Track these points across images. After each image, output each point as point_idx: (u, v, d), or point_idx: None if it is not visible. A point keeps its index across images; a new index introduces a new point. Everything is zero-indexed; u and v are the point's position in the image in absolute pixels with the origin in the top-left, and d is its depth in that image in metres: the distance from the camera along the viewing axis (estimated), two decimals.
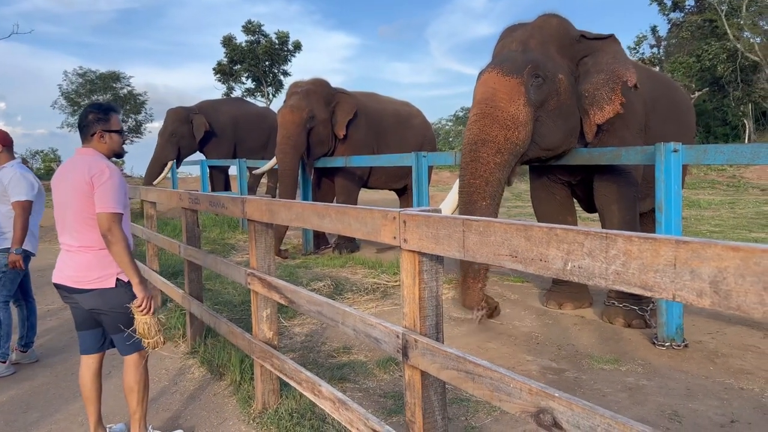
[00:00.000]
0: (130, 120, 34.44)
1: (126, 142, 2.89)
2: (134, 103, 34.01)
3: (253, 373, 3.20)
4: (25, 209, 3.86)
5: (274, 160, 7.95)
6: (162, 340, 2.70)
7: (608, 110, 4.08)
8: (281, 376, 2.72)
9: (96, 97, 32.91)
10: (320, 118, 7.46)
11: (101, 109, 2.78)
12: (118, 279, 2.65)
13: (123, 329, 2.63)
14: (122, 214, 2.62)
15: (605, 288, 1.17)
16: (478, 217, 1.53)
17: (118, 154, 2.86)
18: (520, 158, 4.03)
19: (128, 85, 34.05)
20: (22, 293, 4.25)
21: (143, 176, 12.97)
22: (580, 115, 4.19)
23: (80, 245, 2.65)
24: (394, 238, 1.83)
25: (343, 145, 7.71)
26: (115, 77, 33.24)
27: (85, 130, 2.73)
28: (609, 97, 4.07)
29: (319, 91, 7.59)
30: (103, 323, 2.73)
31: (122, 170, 30.23)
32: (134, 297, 2.62)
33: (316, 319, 2.36)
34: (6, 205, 3.92)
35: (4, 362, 3.95)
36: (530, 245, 1.35)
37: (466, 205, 3.85)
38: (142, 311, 2.60)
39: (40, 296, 6.10)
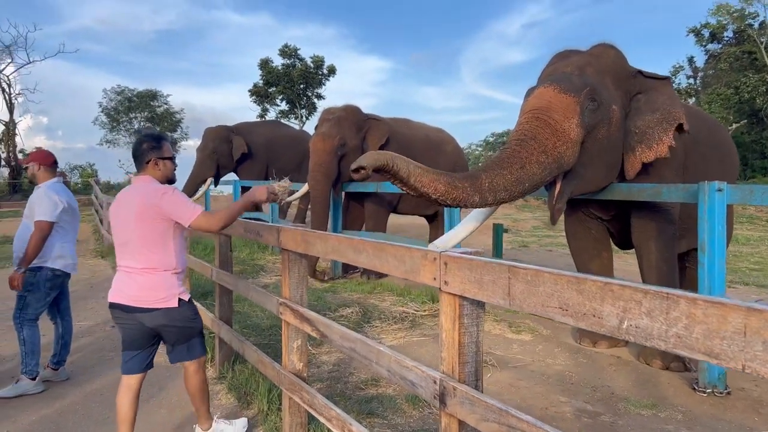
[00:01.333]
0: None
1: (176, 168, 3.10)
2: (171, 121, 34.80)
3: (280, 404, 3.17)
4: (43, 230, 3.82)
5: (306, 187, 8.00)
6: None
7: (656, 150, 3.97)
8: (310, 410, 2.67)
9: (133, 114, 33.78)
10: (351, 145, 7.51)
11: (154, 138, 2.96)
12: (180, 299, 2.84)
13: (186, 340, 2.91)
14: (203, 212, 2.79)
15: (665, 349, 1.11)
16: (526, 265, 1.47)
17: (171, 180, 2.99)
18: (572, 192, 3.82)
19: (165, 104, 34.90)
20: (59, 311, 4.29)
21: None
22: (624, 151, 4.07)
23: (144, 267, 2.79)
24: (434, 279, 1.78)
25: None
26: (153, 95, 34.12)
27: (140, 159, 2.89)
28: (660, 137, 3.97)
29: (350, 118, 7.65)
30: (166, 337, 2.91)
31: None
32: (195, 311, 2.94)
33: (348, 355, 2.31)
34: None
35: (33, 379, 3.98)
36: (583, 299, 1.29)
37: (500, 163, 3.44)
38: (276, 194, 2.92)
39: (73, 312, 6.18)
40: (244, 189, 11.97)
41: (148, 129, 10.71)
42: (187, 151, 36.49)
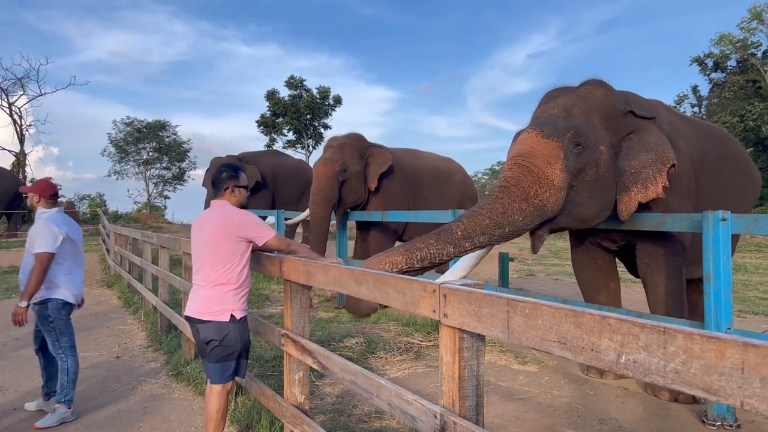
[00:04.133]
0: (174, 168, 35.50)
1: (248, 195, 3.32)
2: (178, 150, 35.10)
3: None
4: (43, 262, 3.82)
5: (306, 212, 8.07)
6: None
7: (652, 191, 3.91)
8: None
9: (142, 145, 34.10)
10: (353, 171, 7.58)
11: (232, 168, 3.26)
12: (232, 315, 3.01)
13: (223, 359, 3.01)
14: (276, 234, 3.09)
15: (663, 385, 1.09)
16: (525, 298, 1.47)
17: (243, 206, 3.25)
18: (553, 224, 3.85)
19: (174, 134, 35.23)
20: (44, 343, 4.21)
21: (186, 223, 13.22)
22: (618, 190, 4.00)
23: (207, 282, 3.05)
24: (434, 311, 1.78)
25: (377, 197, 7.80)
26: (161, 126, 34.48)
27: (219, 186, 3.19)
28: (654, 177, 3.92)
29: (353, 145, 7.75)
30: (210, 352, 3.03)
31: (164, 216, 30.95)
32: (244, 333, 3.07)
33: (349, 388, 2.29)
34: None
35: (69, 408, 3.97)
36: (580, 333, 1.28)
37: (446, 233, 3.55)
38: None
39: (77, 342, 6.18)
40: None
41: (228, 159, 10.98)
42: (196, 180, 36.74)
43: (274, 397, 3.10)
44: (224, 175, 3.20)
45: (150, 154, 34.58)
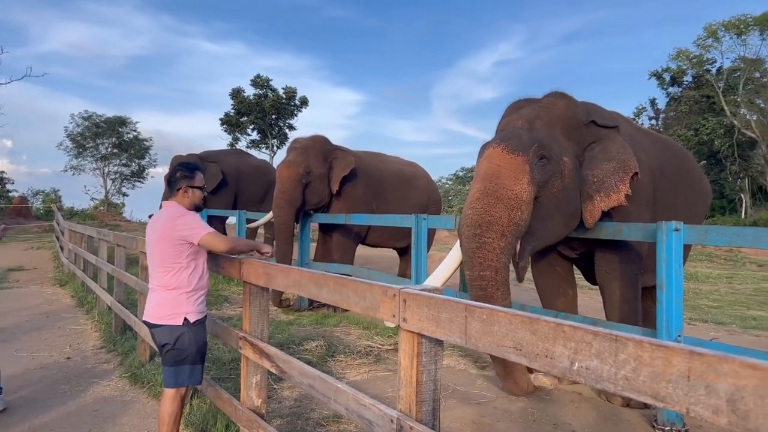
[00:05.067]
0: (133, 165, 34.75)
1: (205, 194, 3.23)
2: (139, 147, 34.38)
3: None
4: None
5: (270, 215, 8.01)
6: None
7: (614, 198, 4.01)
8: None
9: (100, 140, 33.28)
10: (317, 173, 7.57)
11: (188, 168, 3.20)
12: (185, 318, 2.98)
13: (177, 363, 2.97)
14: (212, 232, 3.00)
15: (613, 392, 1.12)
16: (482, 304, 1.48)
17: (198, 208, 3.23)
18: (531, 249, 3.97)
19: (134, 130, 34.49)
20: None
21: (145, 222, 12.96)
22: (581, 199, 4.10)
23: (158, 285, 3.02)
24: (394, 316, 1.78)
25: (340, 200, 7.80)
26: (121, 121, 33.72)
27: (172, 185, 3.14)
28: (617, 185, 4.01)
29: (317, 147, 7.74)
30: (164, 356, 3.01)
31: (122, 214, 30.24)
32: (199, 337, 3.02)
33: (307, 392, 2.27)
34: None
35: None
36: (536, 339, 1.30)
37: (482, 300, 3.71)
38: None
39: (25, 342, 5.98)
40: (211, 218, 11.84)
41: (189, 157, 10.74)
42: (156, 178, 36.04)
43: (230, 400, 3.06)
44: (179, 174, 3.14)
45: (108, 150, 33.75)
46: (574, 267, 5.13)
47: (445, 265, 4.20)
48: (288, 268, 2.52)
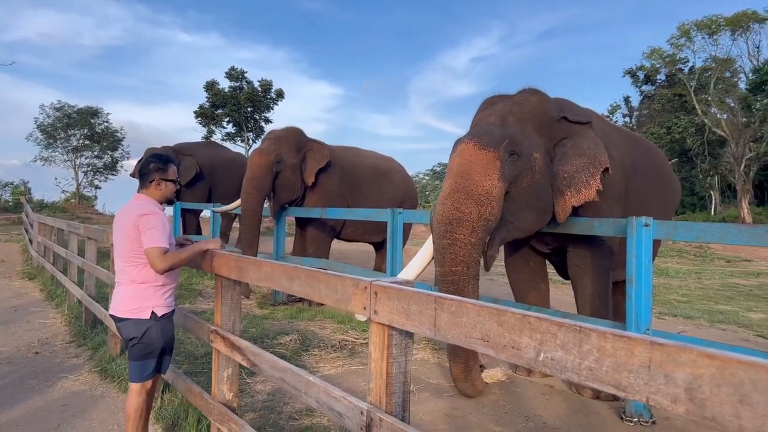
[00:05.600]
0: (105, 156, 34.17)
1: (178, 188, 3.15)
2: (111, 139, 33.80)
3: None
4: None
5: (238, 202, 7.98)
6: None
7: (585, 194, 4.05)
8: None
9: (72, 131, 32.64)
10: (288, 163, 7.56)
11: (161, 160, 3.13)
12: (153, 312, 2.94)
13: (143, 357, 2.94)
14: (167, 248, 2.91)
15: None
16: (452, 296, 1.49)
17: (170, 201, 3.18)
18: (500, 239, 4.01)
19: (106, 122, 33.89)
20: None
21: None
22: (553, 195, 4.14)
23: (125, 279, 2.98)
24: (365, 308, 1.78)
25: (314, 193, 7.78)
26: (93, 112, 33.08)
27: (145, 177, 3.08)
28: (587, 181, 4.05)
29: (290, 138, 7.74)
30: (129, 348, 2.98)
31: (94, 207, 29.73)
32: (166, 330, 2.99)
33: (278, 385, 2.27)
34: None
35: None
36: (503, 331, 1.31)
37: (453, 294, 3.75)
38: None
39: None
40: (185, 211, 11.72)
41: (163, 149, 10.61)
42: (129, 171, 35.45)
43: (201, 394, 3.03)
44: (152, 166, 3.08)
45: (80, 141, 33.11)
46: (547, 262, 5.19)
47: (419, 259, 4.22)
48: (260, 261, 2.50)
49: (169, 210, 13.35)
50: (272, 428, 3.55)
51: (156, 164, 3.08)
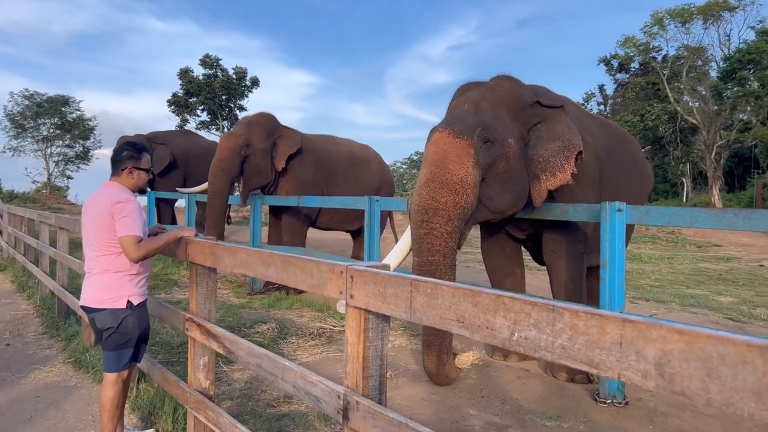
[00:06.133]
0: (77, 146, 33.50)
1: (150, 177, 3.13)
2: (83, 128, 33.12)
3: (186, 423, 3.05)
4: None
5: (205, 185, 7.97)
6: None
7: (560, 178, 4.07)
8: (215, 430, 2.58)
9: (42, 120, 31.93)
10: (257, 148, 7.54)
11: (135, 148, 3.09)
12: (129, 301, 2.91)
13: (118, 347, 2.91)
14: (141, 236, 2.88)
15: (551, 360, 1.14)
16: (427, 279, 1.50)
17: (142, 190, 3.14)
18: (472, 219, 4.02)
19: (78, 110, 33.18)
20: None
21: None
22: (529, 179, 4.17)
23: (97, 269, 2.92)
24: (341, 293, 1.78)
25: (287, 181, 7.77)
26: (64, 101, 32.34)
27: (117, 165, 3.03)
28: (562, 164, 4.07)
29: (261, 123, 7.73)
30: (104, 338, 2.93)
31: (66, 197, 29.17)
32: (142, 318, 2.97)
33: (255, 372, 2.26)
34: None
35: None
36: (477, 311, 1.32)
37: None
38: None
39: None
40: (159, 201, 11.57)
41: (133, 138, 10.49)
42: (101, 160, 34.85)
43: (177, 383, 3.01)
44: (125, 153, 3.03)
45: (50, 130, 32.39)
46: (523, 248, 5.24)
47: (398, 249, 4.27)
48: (234, 247, 2.48)
49: (144, 200, 13.21)
50: (250, 416, 3.54)
51: (129, 152, 3.03)
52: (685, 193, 31.11)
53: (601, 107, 36.22)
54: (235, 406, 3.73)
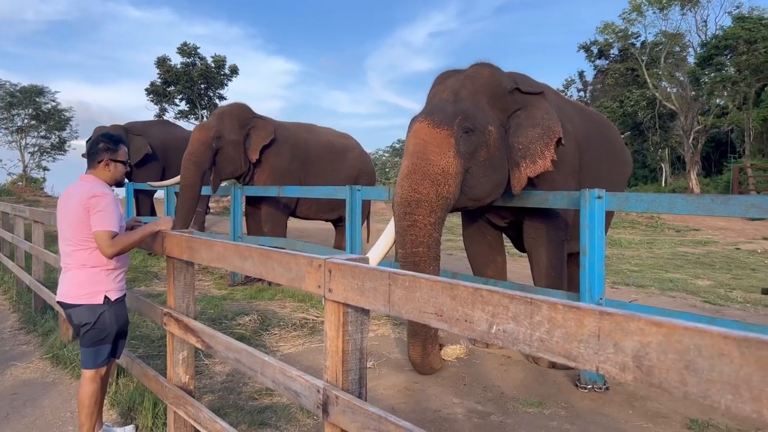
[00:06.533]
0: (53, 137, 32.93)
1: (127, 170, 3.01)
2: (59, 119, 32.52)
3: (167, 419, 3.01)
4: None
5: (177, 178, 7.95)
6: None
7: (540, 165, 4.07)
8: (195, 425, 2.56)
9: (15, 111, 31.29)
10: (229, 139, 7.49)
11: (112, 139, 3.02)
12: (106, 296, 2.86)
13: (96, 344, 2.86)
14: (116, 231, 2.82)
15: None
16: (405, 272, 1.48)
17: (119, 183, 3.08)
18: (455, 205, 4.01)
19: (53, 101, 32.55)
20: None
21: None
22: (509, 166, 4.16)
23: (74, 263, 2.86)
24: (319, 287, 1.76)
25: (263, 171, 7.73)
26: (38, 91, 31.69)
27: (93, 157, 2.97)
28: (542, 151, 4.07)
29: (234, 114, 7.67)
30: (81, 335, 2.89)
31: (42, 189, 28.68)
32: (120, 314, 2.93)
33: (234, 367, 2.23)
34: None
35: None
36: (455, 304, 1.30)
37: None
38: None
39: None
40: (138, 192, 11.41)
41: (109, 128, 10.34)
42: (78, 151, 34.26)
43: (156, 378, 2.97)
44: (101, 145, 2.97)
45: (25, 121, 31.76)
46: (504, 236, 5.26)
47: (382, 242, 4.28)
48: (211, 241, 2.44)
49: (122, 191, 13.03)
50: (232, 409, 3.52)
51: (106, 144, 2.97)
52: (663, 178, 31.46)
53: (581, 93, 36.41)
54: (216, 399, 3.71)
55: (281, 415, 3.42)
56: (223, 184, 8.10)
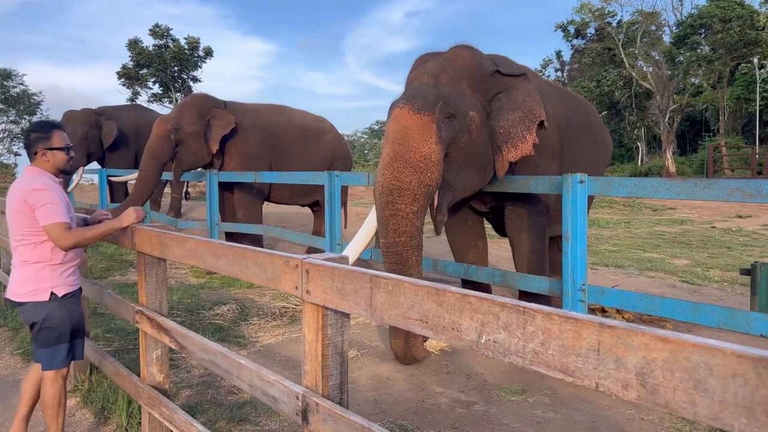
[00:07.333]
0: (23, 122, 32.14)
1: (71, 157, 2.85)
2: (28, 103, 31.74)
3: (141, 418, 2.91)
4: None
5: (135, 173, 7.98)
6: None
7: (522, 148, 4.00)
8: (170, 427, 2.46)
9: None
10: (188, 131, 7.41)
11: (43, 127, 2.85)
12: (52, 293, 2.71)
13: (51, 344, 2.72)
14: (68, 222, 2.68)
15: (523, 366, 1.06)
16: (388, 275, 1.39)
17: (65, 171, 2.88)
18: (447, 203, 3.94)
19: (21, 84, 31.72)
20: None
21: None
22: (493, 151, 4.09)
23: (19, 259, 2.74)
24: (296, 288, 1.66)
25: (231, 157, 7.66)
26: (6, 75, 30.86)
27: (28, 150, 2.80)
28: (524, 135, 4.00)
29: (193, 105, 7.58)
30: (35, 336, 2.77)
31: (14, 175, 27.99)
32: (72, 311, 2.77)
33: (209, 369, 2.14)
34: None
35: None
36: (442, 311, 1.22)
37: (398, 266, 3.67)
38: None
39: None
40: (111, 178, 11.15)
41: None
42: None
43: (129, 377, 2.86)
44: (33, 136, 2.80)
45: None
46: (485, 220, 5.20)
47: (363, 232, 4.19)
48: (183, 237, 2.33)
49: (95, 178, 12.68)
50: (210, 405, 3.43)
51: (37, 133, 2.80)
52: (640, 156, 31.80)
53: (559, 73, 36.49)
54: (194, 394, 3.61)
55: (261, 411, 3.34)
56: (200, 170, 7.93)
